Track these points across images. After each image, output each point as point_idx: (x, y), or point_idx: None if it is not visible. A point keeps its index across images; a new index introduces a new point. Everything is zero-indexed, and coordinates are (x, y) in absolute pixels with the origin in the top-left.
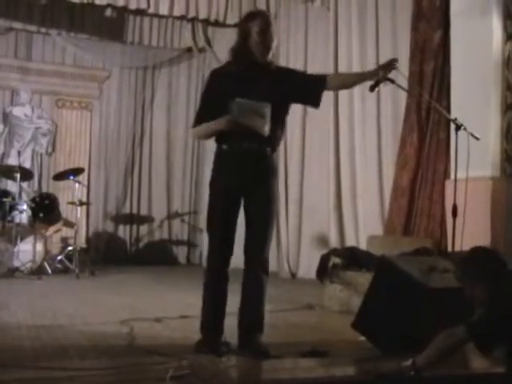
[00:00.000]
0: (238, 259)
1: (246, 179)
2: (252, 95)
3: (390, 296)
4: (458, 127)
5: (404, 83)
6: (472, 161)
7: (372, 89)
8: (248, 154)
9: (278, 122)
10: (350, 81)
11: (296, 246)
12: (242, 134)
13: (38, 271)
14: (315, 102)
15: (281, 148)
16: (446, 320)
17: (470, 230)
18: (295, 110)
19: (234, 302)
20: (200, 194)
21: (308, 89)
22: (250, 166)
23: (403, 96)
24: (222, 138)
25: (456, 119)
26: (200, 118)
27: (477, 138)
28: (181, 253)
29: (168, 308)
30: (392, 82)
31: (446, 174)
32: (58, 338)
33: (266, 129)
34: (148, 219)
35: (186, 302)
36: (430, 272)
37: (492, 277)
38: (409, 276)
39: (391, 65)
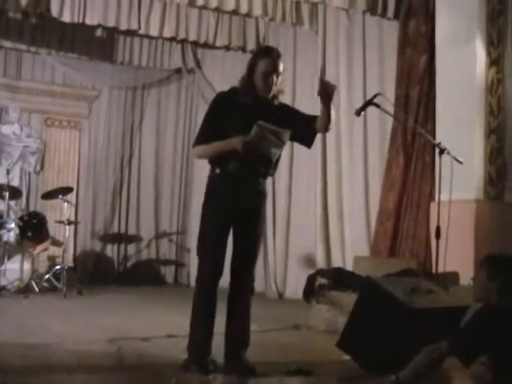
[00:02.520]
0: (223, 277)
1: (237, 205)
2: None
3: (373, 316)
4: (441, 151)
5: (390, 107)
6: (456, 184)
7: (358, 113)
8: (242, 179)
9: None
10: (321, 124)
11: (283, 267)
12: (243, 158)
13: (25, 290)
14: (309, 144)
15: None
16: (429, 340)
17: (454, 252)
18: None
19: (220, 320)
20: (188, 214)
21: (305, 131)
22: (242, 192)
23: (390, 119)
24: (219, 161)
25: (439, 143)
26: (204, 137)
27: (460, 162)
28: (168, 273)
29: (155, 327)
30: (377, 106)
31: (432, 197)
32: (45, 357)
33: (279, 153)
34: (136, 239)
35: (173, 322)
36: (414, 293)
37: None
38: (392, 296)
39: (325, 89)
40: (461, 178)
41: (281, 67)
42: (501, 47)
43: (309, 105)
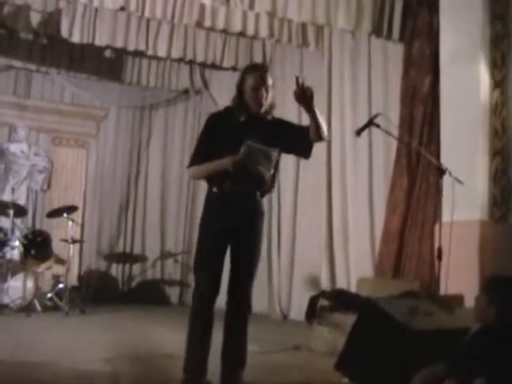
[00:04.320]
0: (220, 297)
1: (234, 222)
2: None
3: (372, 337)
4: (442, 172)
5: (395, 127)
6: (461, 205)
7: (358, 133)
8: (238, 197)
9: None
10: (313, 133)
11: (288, 288)
12: (238, 177)
13: (27, 308)
14: (307, 155)
15: (274, 189)
16: (428, 362)
17: (459, 273)
18: (288, 154)
19: (216, 339)
20: (193, 235)
21: (302, 142)
22: (239, 210)
23: (394, 140)
24: (215, 180)
25: (441, 164)
26: (198, 158)
27: (460, 183)
28: (173, 293)
29: (155, 347)
30: (377, 126)
31: (436, 217)
32: (40, 375)
33: (270, 172)
34: (141, 258)
35: (174, 342)
36: (413, 314)
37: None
38: (390, 318)
39: (302, 92)
40: (465, 198)
41: (269, 81)
42: (504, 69)
43: None
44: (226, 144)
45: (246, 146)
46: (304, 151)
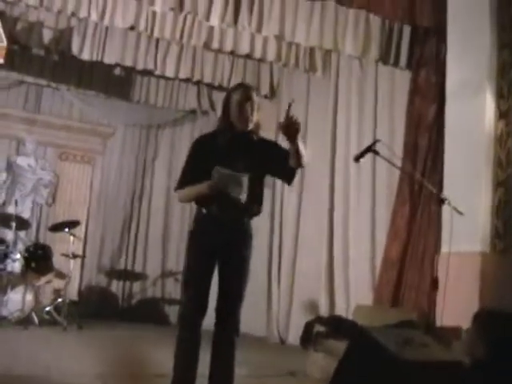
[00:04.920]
0: (209, 320)
1: (220, 243)
2: (232, 165)
3: (363, 366)
4: (441, 201)
5: (396, 155)
6: (462, 235)
7: (357, 159)
8: (224, 219)
9: (255, 192)
10: (292, 160)
11: (286, 312)
12: (221, 200)
13: (25, 321)
14: (288, 181)
15: (276, 213)
16: None
17: (458, 305)
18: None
19: (206, 362)
20: None
21: (283, 167)
22: (226, 231)
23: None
24: (203, 202)
25: (441, 193)
26: (184, 181)
27: (460, 213)
28: (172, 312)
29: (147, 366)
30: (376, 153)
31: (437, 247)
32: None
33: (243, 197)
34: (142, 276)
35: (166, 362)
36: (406, 345)
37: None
38: (383, 347)
39: (289, 125)
40: (467, 229)
41: (254, 98)
42: (511, 99)
43: (320, 150)
44: (212, 165)
45: (216, 171)
46: (286, 176)
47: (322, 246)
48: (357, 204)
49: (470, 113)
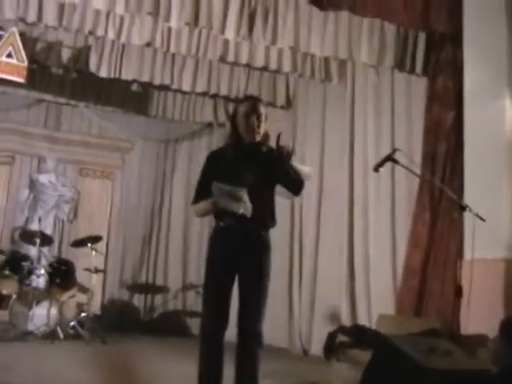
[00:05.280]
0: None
1: (238, 255)
2: (241, 178)
3: (387, 374)
4: (462, 208)
5: (414, 163)
6: (485, 242)
7: (376, 169)
8: (240, 231)
9: (266, 203)
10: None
11: (308, 323)
12: (229, 214)
13: (50, 335)
14: (296, 190)
15: (296, 223)
16: None
17: (483, 312)
18: (310, 187)
19: (231, 374)
20: None
21: (289, 179)
22: (242, 243)
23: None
24: (218, 215)
25: (461, 200)
26: (196, 197)
27: (482, 220)
28: (194, 325)
29: (170, 379)
30: (395, 162)
31: (459, 254)
32: None
33: (243, 211)
34: (163, 289)
35: (190, 374)
36: (430, 353)
37: None
38: (406, 355)
39: (281, 154)
40: (489, 236)
41: (261, 110)
42: None
43: (338, 159)
44: (222, 179)
45: (214, 187)
46: (293, 187)
47: (342, 256)
48: (376, 212)
49: (489, 118)
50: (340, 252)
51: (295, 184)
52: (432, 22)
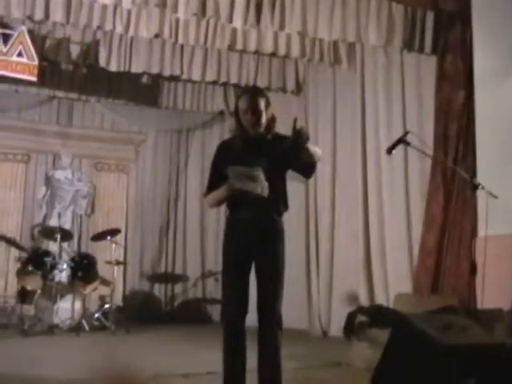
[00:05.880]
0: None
1: (253, 243)
2: (250, 166)
3: (405, 352)
4: (475, 187)
5: (426, 144)
6: (498, 219)
7: (389, 151)
8: (252, 219)
9: (278, 189)
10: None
11: (327, 305)
12: (247, 201)
13: (76, 328)
14: (308, 173)
15: (311, 207)
16: (460, 377)
17: (497, 288)
18: (324, 171)
19: (254, 358)
20: None
21: (300, 163)
22: (257, 230)
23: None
24: (231, 205)
25: (473, 179)
26: (209, 188)
27: (495, 197)
28: (214, 311)
29: (197, 365)
30: (407, 144)
31: (473, 232)
32: None
33: (261, 190)
34: (182, 278)
35: (215, 359)
36: (447, 329)
37: None
38: (423, 333)
39: (298, 138)
40: (503, 213)
41: (260, 103)
42: None
43: (350, 142)
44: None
45: (230, 170)
46: (304, 170)
47: (358, 238)
48: (390, 193)
49: (500, 96)
50: (356, 234)
51: (307, 167)
52: (440, 1)
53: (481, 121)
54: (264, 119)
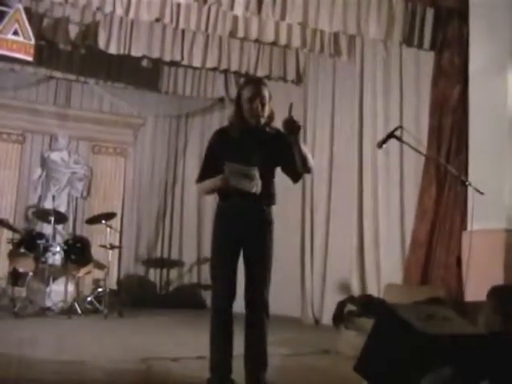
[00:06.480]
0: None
1: (242, 231)
2: (246, 157)
3: (387, 341)
4: (462, 182)
5: (424, 135)
6: (488, 214)
7: (379, 145)
8: (242, 208)
9: (268, 181)
10: (298, 164)
11: (320, 294)
12: (237, 192)
13: (68, 311)
14: (295, 179)
15: (307, 197)
16: (438, 366)
17: (485, 281)
18: (321, 163)
19: (241, 343)
20: None
21: (290, 167)
22: (246, 220)
23: (425, 149)
24: (222, 194)
25: (461, 175)
26: (202, 175)
27: (481, 193)
28: (209, 297)
29: (188, 349)
30: (398, 139)
31: (463, 226)
32: (78, 373)
33: (255, 188)
34: (178, 263)
35: (206, 344)
36: (429, 319)
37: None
38: (405, 321)
39: (289, 125)
40: (493, 208)
41: (265, 93)
42: None
43: (348, 133)
44: (226, 158)
45: (226, 166)
46: (293, 175)
47: (352, 228)
48: (385, 186)
49: (494, 92)
50: (350, 225)
51: (298, 173)
52: None
53: (474, 116)
54: (267, 110)
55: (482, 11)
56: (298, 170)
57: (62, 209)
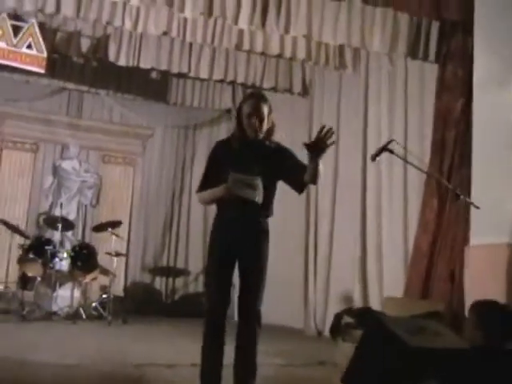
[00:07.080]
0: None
1: (239, 242)
2: (246, 169)
3: (375, 353)
4: (457, 196)
5: (427, 148)
6: (491, 228)
7: (373, 158)
8: (240, 219)
9: (268, 194)
10: (309, 177)
11: (323, 305)
12: (236, 202)
13: (73, 316)
14: (298, 190)
15: (311, 208)
16: (424, 379)
17: (484, 295)
18: (325, 172)
19: (232, 352)
20: None
21: (295, 178)
22: (243, 231)
23: (427, 162)
24: (220, 204)
25: (456, 189)
26: (203, 185)
27: (476, 207)
28: None
29: (184, 356)
30: (391, 152)
31: (466, 239)
32: (76, 377)
33: (257, 198)
34: (184, 272)
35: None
36: (419, 333)
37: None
38: (393, 334)
39: (320, 144)
40: (495, 222)
41: (264, 109)
42: None
43: (352, 144)
44: (226, 170)
45: (231, 176)
46: (297, 186)
47: (355, 240)
48: (389, 197)
49: (498, 106)
50: (354, 237)
51: (302, 184)
52: (443, 11)
53: (477, 129)
54: (265, 125)
55: (487, 24)
56: (303, 181)
57: (72, 216)
